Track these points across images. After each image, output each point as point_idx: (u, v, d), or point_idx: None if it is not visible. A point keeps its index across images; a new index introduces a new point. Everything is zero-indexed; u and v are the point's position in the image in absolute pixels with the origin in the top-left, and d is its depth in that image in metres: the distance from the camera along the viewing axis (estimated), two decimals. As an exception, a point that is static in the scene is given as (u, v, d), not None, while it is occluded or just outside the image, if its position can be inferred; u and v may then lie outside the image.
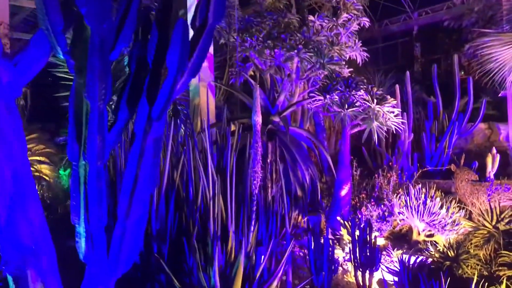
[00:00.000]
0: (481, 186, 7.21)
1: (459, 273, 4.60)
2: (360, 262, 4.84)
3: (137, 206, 2.49)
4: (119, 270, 2.61)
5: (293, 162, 5.52)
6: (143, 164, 2.46)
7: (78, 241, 2.52)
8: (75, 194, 2.48)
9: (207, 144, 3.94)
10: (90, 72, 2.32)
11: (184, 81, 2.61)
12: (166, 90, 2.37)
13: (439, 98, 10.29)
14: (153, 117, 2.40)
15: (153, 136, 2.46)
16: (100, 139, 2.38)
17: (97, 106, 2.34)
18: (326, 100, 5.71)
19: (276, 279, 3.40)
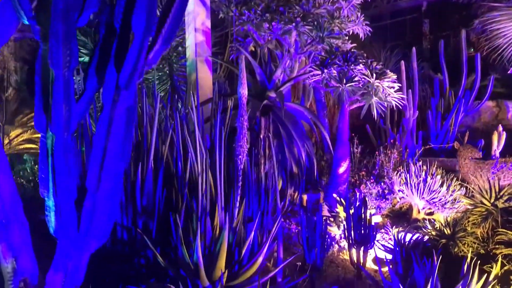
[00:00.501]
0: (484, 164, 7.00)
1: (455, 251, 4.46)
2: (354, 239, 4.72)
3: (107, 179, 2.38)
4: (91, 245, 2.52)
5: (289, 139, 5.37)
6: (112, 135, 2.33)
7: (47, 215, 2.42)
8: (43, 166, 2.37)
9: (194, 118, 3.80)
10: (54, 38, 2.18)
11: (158, 49, 2.46)
12: (133, 56, 2.23)
13: (445, 75, 9.98)
14: (121, 85, 2.26)
15: (123, 106, 2.33)
16: (67, 109, 2.26)
17: (62, 74, 2.21)
18: (324, 74, 5.51)
19: (261, 256, 3.30)
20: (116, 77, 2.28)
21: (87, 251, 2.52)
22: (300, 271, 4.60)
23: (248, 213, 4.27)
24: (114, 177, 2.42)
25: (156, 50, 2.45)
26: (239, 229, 3.52)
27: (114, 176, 2.43)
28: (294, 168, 5.40)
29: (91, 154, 2.34)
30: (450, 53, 12.21)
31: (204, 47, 6.34)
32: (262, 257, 3.30)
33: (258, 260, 3.28)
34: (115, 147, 2.37)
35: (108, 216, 2.46)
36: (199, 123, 4.16)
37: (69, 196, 2.35)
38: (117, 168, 2.44)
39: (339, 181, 6.00)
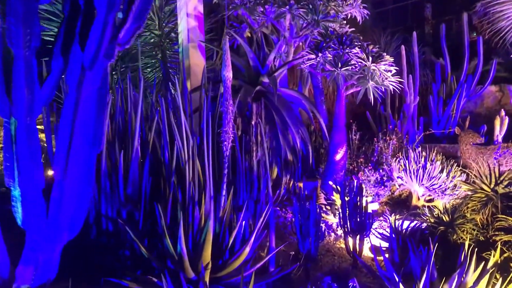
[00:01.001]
0: (486, 150, 6.81)
1: (453, 239, 4.29)
2: (350, 227, 4.56)
3: (75, 166, 2.22)
4: (63, 237, 2.37)
5: (283, 125, 5.19)
6: (79, 119, 2.17)
7: (14, 205, 2.27)
8: (8, 154, 2.22)
9: (180, 103, 3.63)
10: (13, 16, 2.01)
11: (129, 28, 2.29)
12: (96, 33, 2.06)
13: (447, 59, 9.73)
14: (85, 65, 2.10)
15: (89, 88, 2.16)
16: (29, 92, 2.10)
17: (23, 54, 2.05)
18: (318, 58, 5.32)
19: (248, 246, 3.14)
20: (81, 57, 2.12)
21: (59, 243, 2.38)
22: (294, 260, 4.46)
23: (239, 202, 4.11)
24: (84, 163, 2.26)
25: (127, 29, 2.27)
26: (226, 219, 3.36)
27: (84, 163, 2.28)
28: (289, 155, 5.23)
29: (57, 140, 2.18)
30: (452, 37, 11.92)
31: (196, 33, 6.15)
32: (249, 247, 3.14)
33: (245, 250, 3.13)
34: (83, 132, 2.21)
35: (79, 205, 2.31)
36: (186, 108, 3.99)
37: (35, 185, 2.20)
38: (87, 154, 2.28)
39: (336, 168, 5.83)
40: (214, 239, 3.26)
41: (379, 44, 9.81)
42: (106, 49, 2.12)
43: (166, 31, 6.50)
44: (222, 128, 3.16)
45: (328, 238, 5.21)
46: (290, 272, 4.21)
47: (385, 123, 9.09)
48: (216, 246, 3.28)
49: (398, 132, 7.26)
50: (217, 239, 3.29)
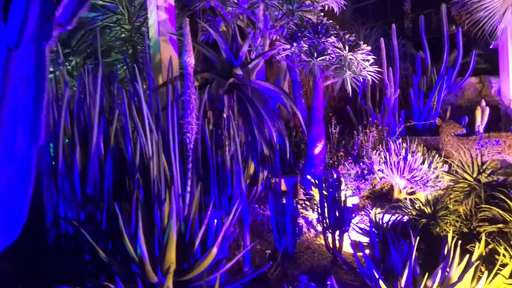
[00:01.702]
0: (468, 140, 6.64)
1: (436, 231, 4.08)
2: (329, 223, 4.33)
3: (5, 165, 1.93)
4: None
5: (259, 119, 4.94)
6: (7, 109, 1.88)
7: None
8: None
9: (141, 96, 3.35)
10: None
11: (67, 4, 2.01)
12: (20, 5, 1.77)
13: (427, 52, 9.59)
14: (10, 45, 1.81)
15: (18, 72, 1.87)
16: None
17: None
18: (293, 48, 5.07)
19: (215, 246, 2.88)
20: (5, 35, 1.83)
21: (-7, 250, 2.08)
22: (271, 259, 4.20)
23: (211, 199, 3.85)
24: (17, 162, 1.97)
25: (65, 5, 1.99)
26: (193, 217, 3.09)
27: (18, 160, 1.98)
28: (265, 150, 4.97)
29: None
30: (432, 30, 11.82)
31: (167, 26, 5.85)
32: (217, 247, 2.88)
33: (212, 251, 2.86)
34: (14, 124, 1.92)
35: (12, 208, 2.01)
36: (150, 102, 3.72)
37: (-40, 184, 1.91)
38: (21, 150, 1.99)
39: (315, 162, 5.59)
40: (180, 239, 2.99)
41: (358, 37, 9.60)
42: (36, 27, 1.84)
43: (136, 25, 6.21)
44: (184, 119, 2.89)
45: (308, 235, 4.97)
46: (267, 272, 3.96)
47: (366, 117, 8.91)
48: (183, 247, 3.00)
49: (379, 124, 7.04)
50: (183, 239, 3.02)
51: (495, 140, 6.59)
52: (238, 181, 3.83)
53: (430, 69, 9.55)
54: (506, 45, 8.99)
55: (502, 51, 9.11)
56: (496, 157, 6.69)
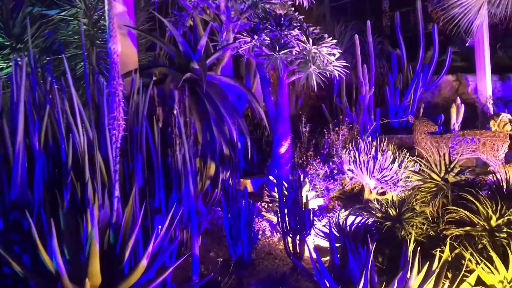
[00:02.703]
0: (441, 138, 6.38)
1: (401, 235, 3.78)
2: (289, 226, 4.01)
3: None
4: None
5: (218, 116, 4.60)
6: None
7: None
8: None
9: (72, 91, 2.99)
10: None
11: None
12: None
13: (403, 49, 9.35)
14: None
15: None
16: None
17: None
18: (254, 41, 4.75)
19: (145, 257, 2.53)
20: None
21: None
22: (227, 267, 3.87)
23: (155, 204, 3.50)
24: None
25: None
26: (125, 225, 2.73)
27: None
28: (224, 149, 4.63)
29: None
30: (410, 28, 11.61)
31: (125, 19, 5.47)
32: (146, 259, 2.53)
33: (141, 264, 2.51)
34: None
35: None
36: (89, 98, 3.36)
37: None
38: None
39: (281, 162, 5.27)
40: (109, 250, 2.64)
41: (333, 34, 9.32)
42: None
43: (94, 18, 5.83)
44: (110, 114, 2.54)
45: (271, 239, 4.64)
46: (219, 281, 3.63)
47: (341, 115, 8.63)
48: (112, 259, 2.65)
49: (350, 123, 6.75)
50: (112, 250, 2.67)
51: (470, 138, 6.34)
52: (187, 183, 3.48)
53: (406, 66, 9.31)
54: (482, 42, 8.78)
55: (478, 48, 8.90)
56: (471, 156, 6.45)
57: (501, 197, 3.56)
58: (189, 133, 3.88)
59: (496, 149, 6.15)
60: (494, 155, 6.16)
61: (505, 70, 9.88)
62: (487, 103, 8.95)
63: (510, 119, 7.79)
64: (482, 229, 3.39)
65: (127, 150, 3.53)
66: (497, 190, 3.78)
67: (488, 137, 6.13)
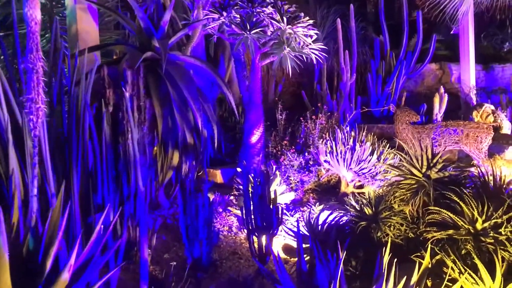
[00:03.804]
0: (423, 129, 5.98)
1: (377, 236, 3.37)
2: (254, 224, 3.56)
3: None
4: None
5: (181, 100, 4.11)
6: None
7: None
8: None
9: None
10: None
11: None
12: None
13: (386, 35, 8.91)
14: None
15: None
16: None
17: None
18: (223, 19, 4.24)
19: (67, 270, 2.06)
20: None
21: None
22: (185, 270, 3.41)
23: (99, 200, 3.01)
24: None
25: None
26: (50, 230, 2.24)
27: None
28: (188, 137, 4.15)
29: None
30: (395, 16, 11.17)
31: (84, -8, 4.90)
32: (68, 272, 2.05)
33: (61, 277, 2.03)
34: None
35: None
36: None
37: None
38: None
39: (252, 152, 4.81)
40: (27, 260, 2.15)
41: (315, 18, 8.81)
42: None
43: (51, -9, 5.26)
44: (26, 95, 2.04)
45: (237, 236, 4.21)
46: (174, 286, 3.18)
47: (322, 103, 8.19)
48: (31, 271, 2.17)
49: (329, 111, 6.29)
50: (32, 260, 2.18)
51: (452, 129, 5.96)
52: (134, 176, 3.00)
53: (389, 54, 8.87)
54: (466, 30, 8.39)
55: (462, 36, 8.51)
56: (453, 147, 6.08)
57: (487, 196, 3.15)
58: (143, 118, 3.37)
59: (480, 141, 5.78)
60: (477, 147, 5.79)
61: (489, 60, 9.53)
62: (470, 93, 8.60)
63: (493, 110, 7.42)
64: (466, 233, 2.99)
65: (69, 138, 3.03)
66: (483, 188, 3.38)
67: (472, 129, 5.75)
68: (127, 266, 3.26)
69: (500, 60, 9.65)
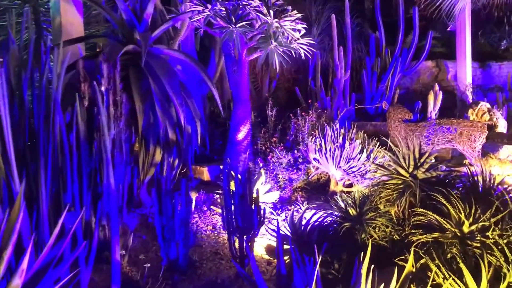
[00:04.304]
0: (416, 127, 5.82)
1: (362, 238, 3.23)
2: (236, 225, 3.42)
3: None
4: None
5: (164, 96, 3.96)
6: None
7: None
8: None
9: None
10: None
11: None
12: None
13: (382, 31, 8.73)
14: None
15: None
16: None
17: None
18: (208, 11, 4.08)
19: (18, 276, 1.91)
20: None
21: None
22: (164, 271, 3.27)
23: (67, 199, 2.86)
24: None
25: None
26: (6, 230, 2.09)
27: None
28: (170, 133, 4.00)
29: None
30: (392, 13, 10.99)
31: (68, -16, 4.74)
32: (20, 277, 1.91)
33: (13, 281, 1.89)
34: None
35: None
36: None
37: None
38: None
39: (238, 149, 4.66)
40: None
41: (310, 13, 8.63)
42: None
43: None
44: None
45: (220, 236, 4.06)
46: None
47: (316, 100, 8.03)
48: None
49: (321, 107, 6.12)
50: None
51: (446, 127, 5.79)
52: (108, 174, 2.85)
53: (384, 50, 8.70)
54: (463, 26, 8.21)
55: (459, 33, 8.33)
56: (446, 146, 5.93)
57: (475, 197, 3.00)
58: (119, 114, 3.22)
59: (473, 140, 5.63)
60: (471, 146, 5.64)
61: (486, 58, 9.35)
62: (466, 91, 8.42)
63: (489, 108, 7.27)
64: (452, 236, 2.84)
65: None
66: (472, 189, 3.23)
67: (465, 127, 5.59)
68: (101, 267, 3.12)
69: (497, 58, 9.47)
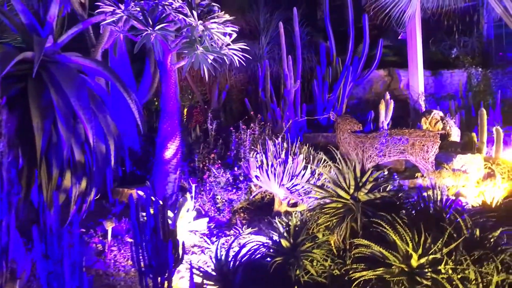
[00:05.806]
0: (366, 138, 5.38)
1: (296, 274, 2.68)
2: (148, 263, 2.80)
3: None
4: None
5: (69, 111, 3.32)
6: None
7: None
8: None
9: None
10: None
11: None
12: None
13: (332, 40, 8.37)
14: None
15: None
16: None
17: None
18: (121, 12, 3.48)
19: None
20: None
21: None
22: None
23: None
24: None
25: None
26: None
27: None
28: (77, 154, 3.35)
29: None
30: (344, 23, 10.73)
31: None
32: None
33: None
34: None
35: None
36: None
37: None
38: None
39: (166, 169, 4.05)
40: None
41: (258, 22, 8.18)
42: None
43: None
44: None
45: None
46: None
47: (266, 111, 7.54)
48: None
49: (260, 120, 5.60)
50: None
51: (398, 138, 5.39)
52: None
53: (335, 59, 8.34)
54: (414, 34, 7.96)
55: (410, 41, 8.08)
56: (399, 157, 5.52)
57: (426, 221, 2.53)
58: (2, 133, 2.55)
59: (426, 151, 5.25)
60: (424, 157, 5.26)
61: (437, 66, 9.18)
62: (419, 100, 8.15)
63: (442, 117, 6.96)
64: (399, 272, 2.33)
65: None
66: (422, 212, 2.76)
67: (418, 137, 5.21)
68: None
69: (449, 66, 9.32)
